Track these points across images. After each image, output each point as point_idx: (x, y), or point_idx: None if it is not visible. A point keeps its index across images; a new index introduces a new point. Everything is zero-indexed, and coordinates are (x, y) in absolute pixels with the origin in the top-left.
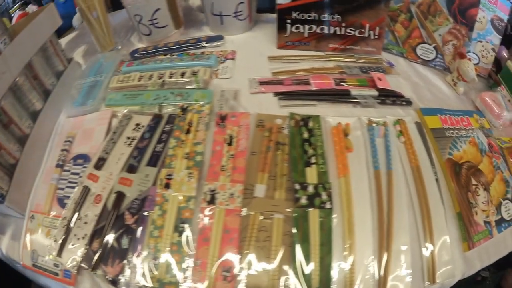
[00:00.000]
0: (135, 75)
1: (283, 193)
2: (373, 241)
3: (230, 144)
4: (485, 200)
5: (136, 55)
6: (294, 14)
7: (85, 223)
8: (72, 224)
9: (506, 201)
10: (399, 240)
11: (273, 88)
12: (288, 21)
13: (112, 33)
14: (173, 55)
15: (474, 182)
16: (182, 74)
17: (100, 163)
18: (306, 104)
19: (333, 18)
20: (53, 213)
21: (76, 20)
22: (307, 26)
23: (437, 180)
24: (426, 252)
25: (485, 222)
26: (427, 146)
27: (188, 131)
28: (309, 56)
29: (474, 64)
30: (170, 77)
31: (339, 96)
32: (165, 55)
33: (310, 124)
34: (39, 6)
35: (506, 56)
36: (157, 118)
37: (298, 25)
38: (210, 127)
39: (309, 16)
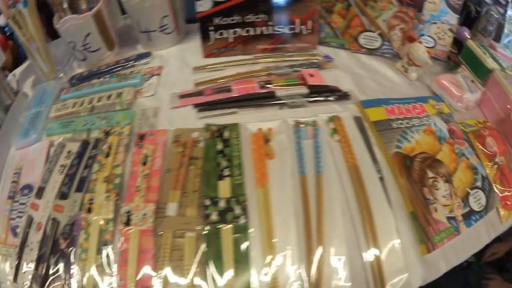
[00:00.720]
0: (70, 102)
1: (194, 210)
2: (299, 254)
3: (145, 164)
4: (447, 193)
5: (73, 81)
6: (216, 20)
7: (31, 249)
8: (22, 252)
9: (475, 190)
10: (333, 250)
11: (193, 100)
12: (211, 28)
13: (54, 61)
14: (105, 77)
15: (431, 175)
16: (109, 97)
17: (40, 192)
18: (226, 113)
19: (258, 18)
20: (8, 241)
21: None
22: (231, 31)
23: (381, 178)
24: (370, 261)
25: (449, 218)
26: (368, 142)
27: (108, 155)
28: (235, 61)
29: (430, 47)
30: (98, 101)
31: (263, 99)
32: (99, 78)
33: (226, 134)
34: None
35: (468, 36)
36: (84, 144)
37: (222, 30)
38: (131, 148)
39: (232, 20)
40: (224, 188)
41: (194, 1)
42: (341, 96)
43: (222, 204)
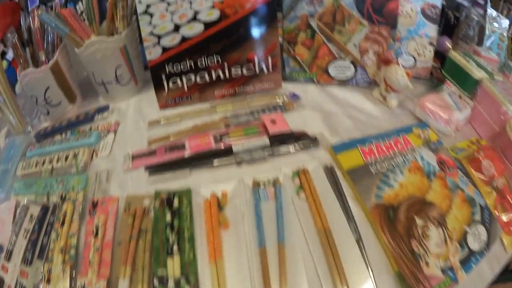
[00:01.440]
0: (34, 160)
1: None
2: None
3: (96, 235)
4: (441, 240)
5: (38, 137)
6: (168, 68)
7: None
8: None
9: (474, 225)
10: None
11: (145, 161)
12: (163, 76)
13: (23, 114)
14: (67, 134)
15: (420, 222)
16: (66, 158)
17: (8, 255)
18: (179, 176)
19: (211, 61)
20: None
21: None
22: (184, 78)
23: (358, 239)
24: None
25: (444, 269)
26: (342, 196)
27: (63, 222)
28: (192, 112)
29: (409, 67)
30: (57, 162)
31: (218, 156)
32: (61, 134)
33: (176, 202)
34: None
35: (450, 46)
36: (44, 208)
37: (175, 79)
38: (85, 216)
39: (184, 66)
40: (173, 266)
41: None
42: (309, 142)
43: (171, 284)
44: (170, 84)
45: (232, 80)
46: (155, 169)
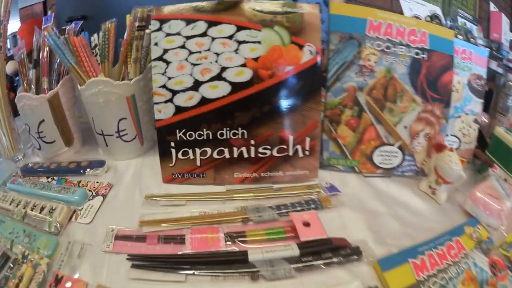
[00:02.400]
0: (11, 195)
1: None
2: None
3: None
4: None
5: (25, 171)
6: (179, 134)
7: None
8: None
9: None
10: None
11: (129, 247)
12: (172, 144)
13: (18, 139)
14: (53, 179)
15: None
16: (42, 209)
17: None
18: (170, 280)
19: (235, 134)
20: None
21: None
22: (198, 150)
23: None
24: None
25: None
26: None
27: (17, 286)
28: (202, 194)
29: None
30: (32, 209)
31: (228, 264)
32: (47, 177)
33: None
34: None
35: (487, 121)
36: (4, 257)
37: (186, 149)
38: None
39: (200, 135)
40: None
41: None
42: (349, 254)
43: None
44: (180, 154)
45: (258, 162)
46: (140, 262)
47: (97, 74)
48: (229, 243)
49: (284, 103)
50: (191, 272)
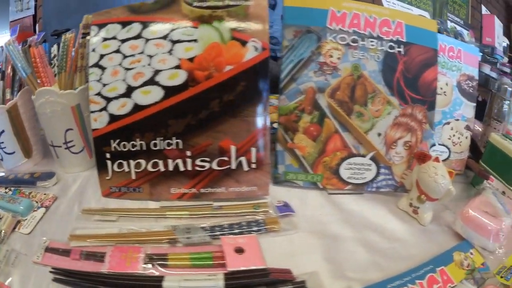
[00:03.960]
0: None
1: None
2: None
3: None
4: None
5: None
6: (113, 144)
7: None
8: None
9: None
10: None
11: (55, 260)
12: (108, 155)
13: None
14: (10, 189)
15: None
16: None
17: None
18: None
19: (169, 144)
20: None
21: None
22: (132, 162)
23: None
24: None
25: None
26: None
27: None
28: (134, 210)
29: (442, 160)
30: None
31: None
32: (5, 188)
33: None
34: None
35: (481, 129)
36: None
37: (121, 160)
38: None
39: (134, 146)
40: None
41: None
42: None
43: None
44: (115, 166)
45: (195, 176)
46: (61, 276)
47: (51, 85)
48: (148, 265)
49: (224, 108)
50: None
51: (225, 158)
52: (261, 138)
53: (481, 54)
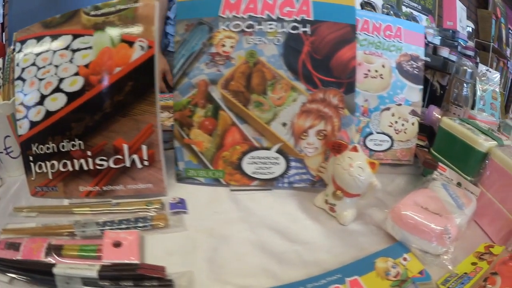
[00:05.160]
0: None
1: None
2: None
3: None
4: None
5: None
6: (33, 148)
7: None
8: None
9: None
10: None
11: None
12: (30, 158)
13: None
14: None
15: None
16: None
17: None
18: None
19: (74, 145)
20: None
21: None
22: (48, 164)
23: None
24: None
25: None
26: None
27: None
28: (51, 207)
29: (383, 150)
30: None
31: (35, 273)
32: None
33: None
34: None
35: (439, 116)
36: None
37: (40, 162)
38: None
39: (48, 149)
40: None
41: None
42: (156, 287)
43: None
44: (37, 167)
45: (97, 175)
46: None
47: None
48: (48, 254)
49: (115, 108)
50: (14, 276)
51: (120, 157)
52: (150, 135)
53: (441, 38)
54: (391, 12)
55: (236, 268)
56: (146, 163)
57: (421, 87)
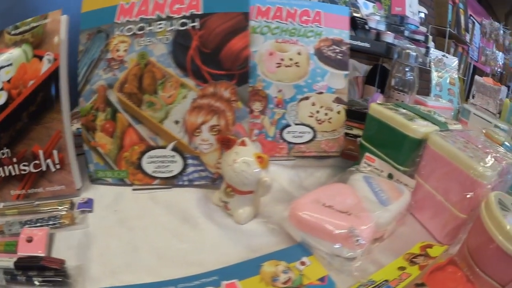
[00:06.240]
0: None
1: None
2: None
3: None
4: None
5: None
6: None
7: None
8: None
9: None
10: None
11: None
12: None
13: None
14: None
15: None
16: None
17: None
18: None
19: (3, 153)
20: None
21: None
22: None
23: None
24: None
25: None
26: None
27: None
28: None
29: (304, 142)
30: None
31: None
32: None
33: None
34: None
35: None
36: None
37: None
38: None
39: None
40: None
41: None
42: (52, 276)
43: None
44: None
45: (22, 179)
46: None
47: None
48: None
49: (31, 118)
50: None
51: (37, 162)
52: (59, 141)
53: (386, 23)
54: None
55: (124, 264)
56: (58, 166)
57: (346, 72)
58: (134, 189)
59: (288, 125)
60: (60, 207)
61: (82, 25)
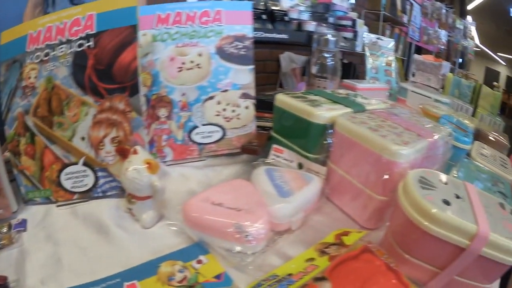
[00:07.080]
0: None
1: None
2: None
3: None
4: None
5: None
6: None
7: None
8: None
9: None
10: None
11: None
12: None
13: None
14: None
15: None
16: None
17: None
18: None
19: None
20: None
21: None
22: None
23: None
24: None
25: None
26: None
27: None
28: None
29: (214, 141)
30: None
31: None
32: None
33: None
34: None
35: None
36: None
37: None
38: None
39: None
40: None
41: None
42: None
43: None
44: None
45: None
46: None
47: None
48: None
49: None
50: None
51: None
52: None
53: (310, 13)
54: None
55: (49, 274)
56: None
57: (251, 67)
58: (57, 206)
59: (195, 127)
60: (1, 229)
61: (2, 57)
